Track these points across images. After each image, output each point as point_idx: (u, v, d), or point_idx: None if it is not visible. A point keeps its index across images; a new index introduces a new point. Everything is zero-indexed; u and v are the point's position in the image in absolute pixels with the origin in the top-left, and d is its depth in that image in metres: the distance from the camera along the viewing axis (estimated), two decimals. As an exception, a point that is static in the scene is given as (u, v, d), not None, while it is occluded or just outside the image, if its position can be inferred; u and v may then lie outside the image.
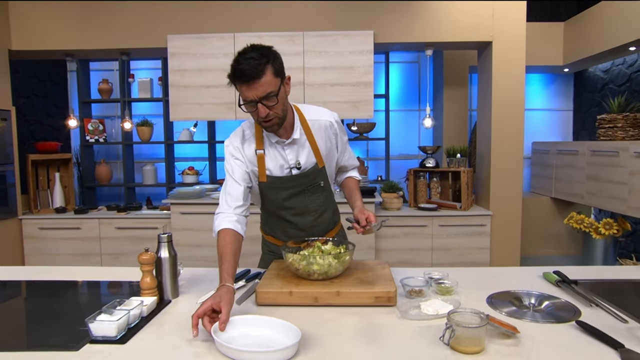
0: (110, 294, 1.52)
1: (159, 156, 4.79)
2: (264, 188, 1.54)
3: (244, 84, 1.30)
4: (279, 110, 1.36)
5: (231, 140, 1.53)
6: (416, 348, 1.02)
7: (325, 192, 1.62)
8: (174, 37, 3.55)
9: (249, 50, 1.32)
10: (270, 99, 1.32)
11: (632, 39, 3.34)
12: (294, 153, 1.52)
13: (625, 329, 1.11)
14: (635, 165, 3.10)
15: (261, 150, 1.50)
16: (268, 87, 1.31)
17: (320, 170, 1.57)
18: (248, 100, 1.32)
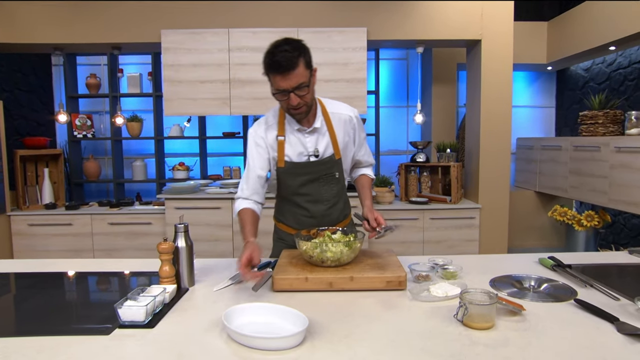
0: (127, 283, 1.55)
1: (148, 152, 4.77)
2: (281, 173, 1.63)
3: (278, 74, 1.40)
4: (308, 99, 1.48)
5: (255, 128, 1.64)
6: (431, 326, 1.09)
7: (340, 184, 1.70)
8: (168, 32, 3.54)
9: (283, 44, 1.41)
10: (302, 89, 1.43)
11: (612, 39, 3.49)
12: (313, 141, 1.61)
13: (617, 306, 1.21)
14: (615, 159, 3.26)
15: (282, 136, 1.60)
16: (300, 78, 1.41)
17: (336, 161, 1.65)
18: (281, 89, 1.43)
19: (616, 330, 1.05)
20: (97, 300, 1.42)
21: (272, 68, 1.40)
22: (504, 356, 0.94)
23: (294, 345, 0.98)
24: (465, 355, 0.94)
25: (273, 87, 1.45)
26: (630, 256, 1.71)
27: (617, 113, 3.52)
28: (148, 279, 1.54)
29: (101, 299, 1.44)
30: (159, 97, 4.39)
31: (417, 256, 1.68)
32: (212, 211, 3.57)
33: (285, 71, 1.38)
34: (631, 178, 3.13)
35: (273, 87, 1.45)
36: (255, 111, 3.63)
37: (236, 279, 1.45)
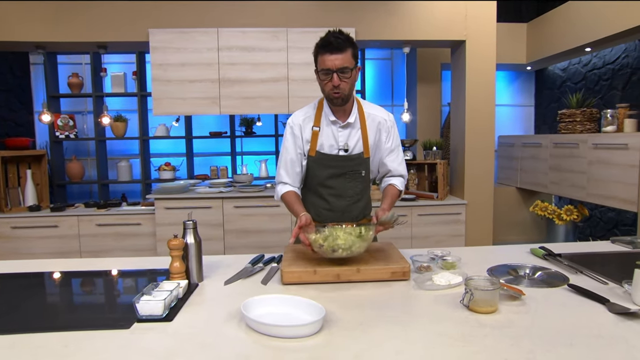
0: (135, 281, 1.56)
1: (132, 152, 4.72)
2: (311, 162, 1.72)
3: (327, 52, 1.53)
4: (347, 86, 1.58)
5: (294, 117, 1.75)
6: (439, 312, 1.15)
7: (365, 182, 1.77)
8: (156, 31, 3.52)
9: (337, 32, 1.56)
10: (345, 73, 1.55)
11: (587, 40, 3.66)
12: (345, 136, 1.70)
13: (606, 289, 1.30)
14: (593, 155, 3.41)
15: (317, 127, 1.70)
16: (345, 62, 1.54)
17: (364, 160, 1.72)
18: (326, 68, 1.54)
19: (608, 310, 1.14)
20: (106, 297, 1.43)
21: (323, 46, 1.54)
22: (509, 336, 1.00)
23: (313, 332, 1.02)
24: (475, 336, 1.00)
25: (318, 67, 1.57)
26: (613, 245, 1.82)
27: (593, 111, 3.68)
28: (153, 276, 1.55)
29: (110, 297, 1.45)
30: (144, 97, 4.36)
31: (417, 249, 1.75)
32: (203, 211, 3.57)
33: (333, 50, 1.52)
34: (608, 173, 3.28)
35: (318, 67, 1.57)
36: (245, 110, 3.65)
37: (244, 274, 1.49)
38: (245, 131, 4.47)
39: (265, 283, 1.41)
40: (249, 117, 4.39)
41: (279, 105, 3.64)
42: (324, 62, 1.54)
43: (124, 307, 1.26)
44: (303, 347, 0.97)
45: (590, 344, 0.96)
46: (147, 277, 1.56)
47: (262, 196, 3.63)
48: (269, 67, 3.59)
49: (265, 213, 3.61)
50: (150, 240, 3.66)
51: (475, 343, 0.97)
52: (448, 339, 0.99)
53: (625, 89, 3.79)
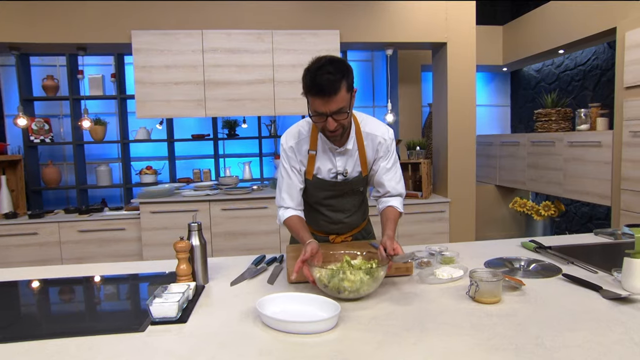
0: (137, 286, 1.55)
1: (111, 156, 4.62)
2: (309, 185, 1.63)
3: (319, 98, 1.34)
4: (346, 123, 1.43)
5: (287, 139, 1.60)
6: (445, 304, 1.20)
7: (362, 195, 1.72)
8: (139, 32, 3.47)
9: (326, 64, 1.34)
10: (341, 114, 1.38)
11: (561, 43, 3.83)
12: (343, 161, 1.59)
13: (597, 278, 1.37)
14: (569, 153, 3.57)
15: (314, 151, 1.57)
16: (341, 103, 1.36)
17: (363, 178, 1.64)
18: (319, 112, 1.37)
19: (601, 297, 1.21)
20: (113, 302, 1.42)
21: (313, 91, 1.34)
22: (516, 323, 1.06)
23: (329, 328, 1.05)
24: (484, 325, 1.05)
25: (311, 109, 1.40)
26: (596, 237, 1.92)
27: (567, 111, 3.85)
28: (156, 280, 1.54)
29: (117, 301, 1.43)
30: (124, 100, 4.28)
31: (415, 245, 1.80)
32: (189, 214, 3.53)
33: (326, 96, 1.33)
34: (583, 169, 3.44)
35: (311, 109, 1.40)
36: (231, 113, 3.64)
37: (248, 275, 1.50)
38: (228, 133, 4.45)
39: (272, 282, 1.43)
40: (232, 119, 4.37)
41: (265, 107, 3.64)
42: (316, 106, 1.37)
43: (134, 311, 1.26)
44: (323, 341, 1.00)
45: (591, 327, 1.03)
46: (149, 281, 1.54)
47: (249, 198, 3.62)
48: (254, 69, 3.59)
49: (253, 215, 3.61)
50: (135, 246, 3.59)
51: (486, 331, 1.02)
52: (460, 329, 1.04)
53: (595, 89, 3.98)
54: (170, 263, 1.69)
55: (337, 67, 1.33)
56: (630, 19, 3.03)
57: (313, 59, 1.39)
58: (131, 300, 1.41)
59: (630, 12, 3.06)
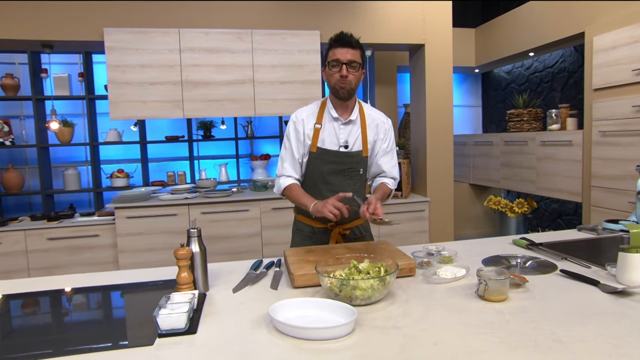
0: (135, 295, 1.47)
1: (78, 159, 4.41)
2: (312, 158, 1.76)
3: (340, 46, 1.65)
4: (353, 79, 1.68)
5: (298, 113, 1.81)
6: (456, 303, 1.21)
7: (361, 181, 1.82)
8: (112, 30, 3.33)
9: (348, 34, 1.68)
10: (354, 67, 1.66)
11: (532, 46, 3.98)
12: (346, 133, 1.77)
13: (591, 272, 1.43)
14: (541, 152, 3.72)
15: (320, 124, 1.76)
16: (355, 57, 1.66)
17: (363, 158, 1.79)
18: (336, 59, 1.64)
19: (600, 290, 1.26)
20: (109, 315, 1.34)
21: (337, 40, 1.65)
22: (529, 320, 1.08)
23: (348, 332, 1.03)
24: (498, 323, 1.07)
25: (329, 60, 1.67)
26: (580, 233, 2.00)
27: (538, 111, 4.01)
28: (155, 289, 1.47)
29: (114, 314, 1.36)
30: (93, 100, 4.10)
31: (408, 246, 1.81)
32: (168, 218, 3.42)
33: (346, 45, 1.64)
34: (555, 168, 3.59)
35: (329, 60, 1.67)
36: (210, 114, 3.55)
37: (249, 281, 1.46)
38: (204, 135, 4.35)
39: (275, 288, 1.40)
40: (207, 120, 4.28)
41: (245, 107, 3.58)
42: (335, 54, 1.65)
43: (136, 324, 1.20)
44: (345, 346, 0.98)
45: (599, 321, 1.06)
46: (145, 290, 1.47)
47: (230, 201, 3.55)
48: (233, 69, 3.52)
49: (234, 218, 3.54)
50: (110, 252, 3.44)
51: (502, 329, 1.04)
52: (476, 328, 1.05)
53: (563, 90, 4.16)
54: (160, 271, 1.63)
55: (357, 40, 1.69)
56: (598, 24, 3.19)
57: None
58: (131, 312, 1.33)
59: (598, 18, 3.22)
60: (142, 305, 1.34)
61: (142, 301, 1.38)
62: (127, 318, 1.27)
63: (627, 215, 2.86)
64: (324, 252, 1.60)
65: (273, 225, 3.59)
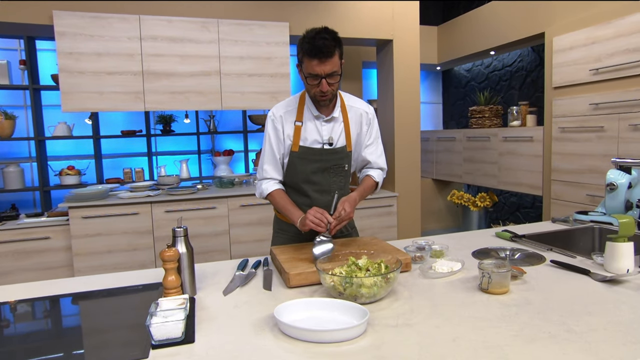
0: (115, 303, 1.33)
1: (21, 155, 4.04)
2: (294, 158, 1.64)
3: (316, 59, 1.46)
4: (335, 88, 1.56)
5: (275, 110, 1.67)
6: (460, 297, 1.19)
7: (347, 177, 1.73)
8: (63, 13, 3.05)
9: (323, 31, 1.48)
10: (334, 77, 1.52)
11: (493, 45, 4.11)
12: (329, 130, 1.66)
13: (578, 262, 1.47)
14: (503, 147, 3.86)
15: (300, 122, 1.64)
16: (334, 67, 1.49)
17: (347, 154, 1.68)
18: (315, 74, 1.49)
19: (593, 279, 1.29)
20: (92, 327, 1.20)
21: (312, 53, 1.45)
22: (536, 312, 1.08)
23: (361, 333, 0.98)
24: (508, 316, 1.06)
25: (305, 72, 1.51)
26: (554, 224, 2.07)
27: (498, 108, 4.16)
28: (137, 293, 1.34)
29: (93, 326, 1.22)
30: (37, 90, 3.76)
31: (398, 240, 1.79)
32: (128, 218, 3.21)
33: (323, 57, 1.45)
34: (516, 162, 3.74)
35: (305, 72, 1.51)
36: (174, 106, 3.36)
37: (239, 282, 1.37)
38: (163, 129, 4.12)
39: (269, 288, 1.31)
40: (167, 114, 4.06)
41: (211, 100, 3.42)
42: (312, 67, 1.48)
43: (123, 336, 1.07)
44: (361, 348, 0.93)
45: (603, 310, 1.08)
46: (125, 297, 1.34)
47: (195, 198, 3.38)
48: (199, 60, 3.35)
49: (199, 216, 3.38)
50: (63, 256, 3.17)
51: (513, 322, 1.02)
52: (488, 321, 1.03)
53: (521, 88, 4.35)
54: (137, 274, 1.49)
55: (332, 35, 1.48)
56: (557, 25, 3.34)
57: (307, 30, 1.51)
58: (113, 323, 1.20)
59: (557, 20, 3.38)
60: (125, 314, 1.22)
61: (124, 309, 1.26)
62: (111, 330, 1.14)
63: (585, 207, 3.02)
64: (315, 249, 1.53)
65: (241, 223, 3.47)
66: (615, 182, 1.88)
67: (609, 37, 2.88)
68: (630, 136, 2.77)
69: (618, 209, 1.89)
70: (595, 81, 3.01)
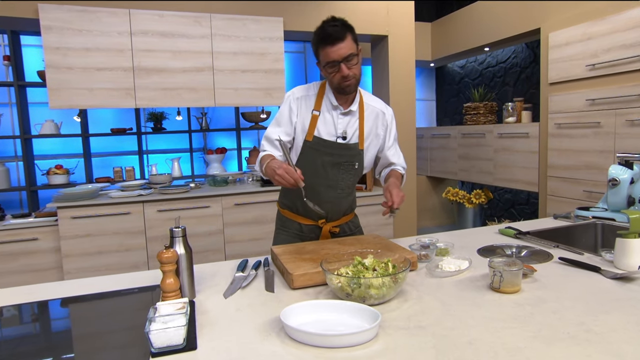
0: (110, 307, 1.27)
1: (6, 154, 3.93)
2: (307, 148, 1.60)
3: (328, 45, 1.45)
4: (357, 71, 1.52)
5: (295, 91, 1.64)
6: (471, 297, 1.15)
7: (356, 176, 1.69)
8: (48, 6, 2.95)
9: (331, 20, 1.49)
10: (351, 60, 1.49)
11: (487, 41, 4.10)
12: (344, 123, 1.62)
13: (586, 258, 1.44)
14: (498, 144, 3.84)
15: (317, 111, 1.60)
16: (349, 49, 1.47)
17: (359, 151, 1.64)
18: (332, 60, 1.47)
19: (604, 277, 1.26)
20: (85, 334, 1.14)
21: (322, 40, 1.46)
22: (551, 311, 1.04)
23: (373, 336, 0.94)
24: (523, 316, 1.02)
25: (323, 62, 1.50)
26: (556, 220, 2.05)
27: (493, 105, 4.14)
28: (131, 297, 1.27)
29: (87, 332, 1.15)
30: (23, 87, 3.65)
31: (402, 238, 1.75)
32: (120, 217, 3.12)
33: (334, 41, 1.45)
34: (511, 159, 3.73)
35: (323, 62, 1.50)
36: (166, 103, 3.28)
37: (240, 284, 1.31)
38: (154, 127, 4.03)
39: (271, 290, 1.26)
40: (158, 111, 3.97)
41: (204, 97, 3.35)
42: (328, 55, 1.47)
43: (119, 343, 1.01)
44: (373, 353, 0.88)
45: (619, 308, 1.05)
46: (121, 301, 1.28)
47: (188, 197, 3.31)
48: (191, 56, 3.28)
49: (193, 215, 3.31)
50: (51, 257, 3.08)
51: (529, 322, 0.99)
52: (503, 322, 0.99)
53: (516, 85, 4.34)
54: (130, 277, 1.43)
55: (341, 21, 1.49)
56: (553, 21, 3.33)
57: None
58: (108, 330, 1.13)
59: (553, 15, 3.37)
60: (121, 320, 1.16)
61: (120, 314, 1.20)
62: (106, 337, 1.08)
63: (582, 203, 3.02)
64: (318, 249, 1.48)
65: (236, 222, 3.40)
66: (618, 178, 1.86)
67: (605, 33, 2.87)
68: (627, 132, 2.77)
69: (620, 204, 1.87)
70: (591, 77, 3.00)
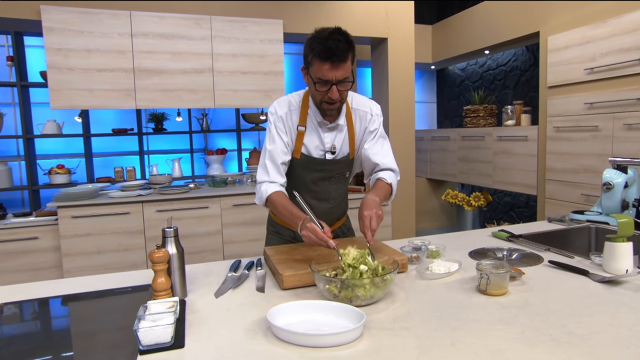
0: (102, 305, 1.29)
1: (9, 154, 3.97)
2: (296, 165, 1.54)
3: (328, 62, 1.30)
4: (345, 97, 1.41)
5: (278, 107, 1.51)
6: (457, 299, 1.16)
7: (347, 184, 1.67)
8: (51, 8, 2.98)
9: (335, 33, 1.32)
10: (345, 84, 1.36)
11: (488, 44, 4.10)
12: (331, 137, 1.53)
13: (576, 262, 1.45)
14: (497, 147, 3.85)
15: (303, 127, 1.50)
16: (347, 72, 1.34)
17: (350, 161, 1.59)
18: (325, 79, 1.33)
19: (592, 280, 1.27)
20: (75, 332, 1.16)
21: (324, 55, 1.29)
22: (536, 313, 1.05)
23: (357, 337, 0.95)
24: (508, 318, 1.03)
25: (314, 76, 1.34)
26: (550, 224, 2.05)
27: (493, 107, 4.15)
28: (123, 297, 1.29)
29: (78, 330, 1.17)
30: (26, 87, 3.69)
31: (394, 240, 1.76)
32: (119, 217, 3.15)
33: (336, 60, 1.29)
34: (510, 162, 3.73)
35: (314, 76, 1.34)
36: (166, 104, 3.31)
37: (231, 284, 1.33)
38: (155, 127, 4.06)
39: (262, 290, 1.28)
40: (159, 112, 4.00)
41: (203, 98, 3.37)
42: (322, 72, 1.31)
43: (109, 340, 1.03)
44: (357, 353, 0.89)
45: (603, 311, 1.06)
46: (113, 300, 1.30)
47: (187, 198, 3.34)
48: (191, 57, 3.30)
49: (192, 216, 3.33)
50: (52, 256, 3.11)
51: (513, 324, 1.00)
52: (488, 324, 1.00)
53: (516, 88, 4.34)
54: (125, 276, 1.45)
55: (345, 37, 1.33)
56: (552, 24, 3.34)
57: (316, 29, 1.36)
58: (99, 327, 1.15)
59: (552, 19, 3.37)
60: (112, 318, 1.17)
61: (112, 313, 1.21)
62: (96, 334, 1.10)
63: (580, 207, 3.02)
64: (310, 250, 1.50)
65: (234, 222, 3.42)
66: (612, 182, 1.86)
67: (604, 37, 2.88)
68: (625, 135, 2.77)
69: (614, 208, 1.87)
70: (590, 80, 3.00)
